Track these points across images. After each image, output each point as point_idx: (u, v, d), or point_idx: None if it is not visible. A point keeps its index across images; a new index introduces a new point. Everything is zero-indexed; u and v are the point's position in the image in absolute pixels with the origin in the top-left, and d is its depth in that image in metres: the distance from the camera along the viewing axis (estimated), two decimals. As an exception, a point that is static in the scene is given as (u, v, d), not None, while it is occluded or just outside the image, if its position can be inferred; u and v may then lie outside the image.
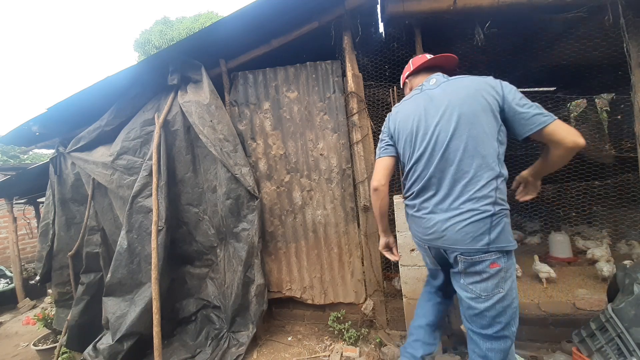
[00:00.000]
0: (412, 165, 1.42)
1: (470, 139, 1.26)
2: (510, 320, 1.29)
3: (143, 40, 12.97)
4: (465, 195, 1.25)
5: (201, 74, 2.70)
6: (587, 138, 4.31)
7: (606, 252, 3.02)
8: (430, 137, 1.34)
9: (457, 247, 1.27)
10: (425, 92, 1.45)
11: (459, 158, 1.27)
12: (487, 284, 1.26)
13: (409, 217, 1.54)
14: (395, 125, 1.54)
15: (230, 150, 2.61)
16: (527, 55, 3.32)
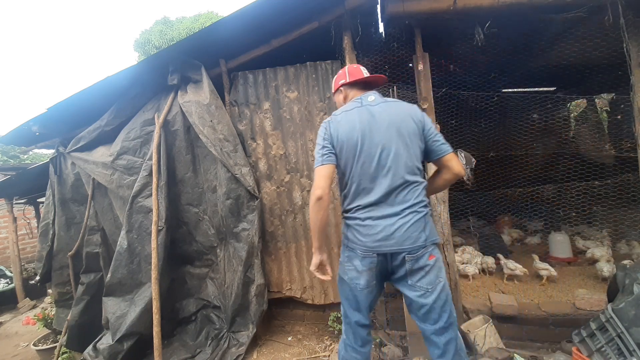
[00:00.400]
0: (356, 176, 1.51)
1: (407, 154, 1.49)
2: (451, 305, 1.50)
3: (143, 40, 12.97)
4: (407, 202, 1.46)
5: (201, 74, 2.70)
6: (587, 138, 4.35)
7: (606, 252, 3.03)
8: (375, 151, 1.48)
9: (405, 248, 1.43)
10: (366, 107, 1.56)
11: (400, 170, 1.46)
12: (430, 277, 1.45)
13: (351, 228, 1.52)
14: (337, 134, 1.54)
15: (230, 150, 2.61)
16: (527, 55, 3.32)
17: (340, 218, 2.72)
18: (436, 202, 2.45)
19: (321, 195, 1.47)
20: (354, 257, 1.51)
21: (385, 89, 2.70)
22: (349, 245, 1.53)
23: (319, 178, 1.50)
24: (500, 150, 3.65)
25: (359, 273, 1.49)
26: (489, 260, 3.13)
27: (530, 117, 4.05)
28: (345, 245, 1.56)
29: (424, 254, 1.44)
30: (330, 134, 1.56)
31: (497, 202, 3.37)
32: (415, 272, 1.45)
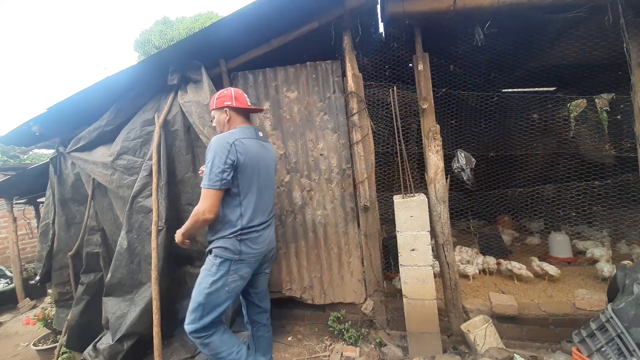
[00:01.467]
0: (255, 199, 1.80)
1: (273, 183, 2.01)
2: None
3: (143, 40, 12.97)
4: (272, 214, 2.00)
5: (201, 74, 2.70)
6: (587, 138, 4.35)
7: (606, 252, 3.03)
8: (265, 177, 1.87)
9: (274, 246, 2.02)
10: (259, 140, 1.90)
11: (272, 195, 1.98)
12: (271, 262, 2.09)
13: (246, 241, 1.77)
14: (244, 158, 1.73)
15: None
16: (527, 55, 3.32)
17: (338, 218, 2.73)
18: (436, 202, 2.45)
19: (212, 219, 1.71)
20: (242, 267, 1.78)
21: (385, 89, 2.70)
22: (241, 258, 1.76)
23: (214, 201, 1.68)
24: (500, 150, 3.64)
25: (245, 279, 1.82)
26: (489, 260, 3.13)
27: (530, 117, 4.05)
28: (230, 259, 1.75)
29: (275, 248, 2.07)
30: (236, 157, 1.70)
31: (497, 202, 3.37)
32: (269, 261, 2.04)
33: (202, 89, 2.67)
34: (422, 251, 2.26)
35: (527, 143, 3.73)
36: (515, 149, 3.73)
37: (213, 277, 1.73)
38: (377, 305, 2.65)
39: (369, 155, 2.63)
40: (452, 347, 2.37)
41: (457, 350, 2.34)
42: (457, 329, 2.40)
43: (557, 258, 3.30)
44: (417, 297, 2.30)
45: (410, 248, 2.28)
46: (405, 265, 2.31)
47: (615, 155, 3.87)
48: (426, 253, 2.26)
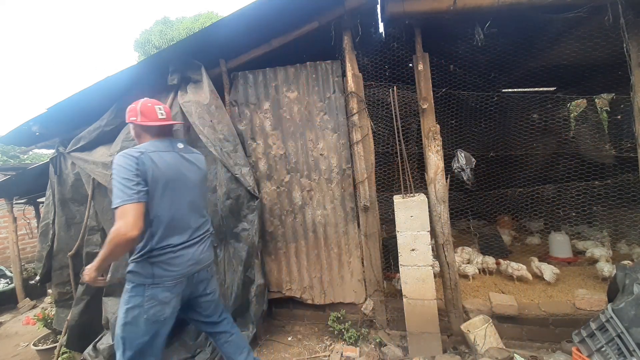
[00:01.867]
0: (167, 216, 1.62)
1: (203, 196, 1.88)
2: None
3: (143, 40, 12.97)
4: (201, 231, 1.80)
5: (201, 74, 2.70)
6: (587, 138, 4.34)
7: (606, 252, 3.03)
8: (186, 192, 1.72)
9: (205, 265, 1.80)
10: (178, 152, 1.75)
11: (199, 208, 1.81)
12: (214, 279, 1.94)
13: (159, 264, 1.58)
14: (152, 172, 1.56)
15: (230, 150, 2.61)
16: (527, 55, 3.32)
17: (338, 218, 2.73)
18: (436, 202, 2.45)
19: (136, 237, 1.45)
20: (159, 291, 1.57)
21: (385, 89, 2.70)
22: (155, 282, 1.56)
23: (137, 215, 1.45)
24: (500, 150, 3.64)
25: (168, 304, 1.60)
26: (489, 260, 3.13)
27: (530, 117, 4.05)
28: (143, 284, 1.56)
29: (212, 265, 1.91)
30: (144, 170, 1.54)
31: (497, 202, 3.37)
32: (207, 280, 1.85)
33: (202, 89, 2.67)
34: (422, 251, 2.26)
35: (527, 143, 3.73)
36: (515, 149, 3.73)
37: (126, 305, 1.55)
38: (377, 305, 2.65)
39: (369, 155, 2.63)
40: (452, 347, 2.37)
41: (457, 350, 2.33)
42: (457, 329, 2.40)
43: (557, 258, 3.30)
44: (417, 297, 2.30)
45: (410, 248, 2.28)
46: (405, 265, 2.31)
47: (615, 155, 3.87)
48: (426, 253, 2.26)
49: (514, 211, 3.59)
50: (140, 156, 1.54)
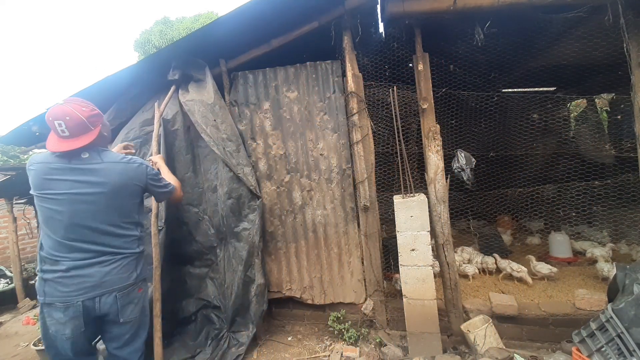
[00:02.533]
0: (50, 230, 1.50)
1: (115, 211, 1.59)
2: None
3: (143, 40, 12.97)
4: (109, 250, 1.56)
5: (204, 73, 2.70)
6: (587, 138, 4.34)
7: (606, 252, 3.03)
8: (80, 208, 1.51)
9: (109, 290, 1.54)
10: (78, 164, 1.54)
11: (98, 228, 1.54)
12: (136, 307, 1.64)
13: (49, 282, 1.47)
14: (37, 184, 1.51)
15: (233, 150, 2.62)
16: (527, 55, 3.32)
17: (338, 218, 2.73)
18: (436, 202, 2.45)
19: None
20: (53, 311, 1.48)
21: (386, 89, 2.70)
22: (46, 301, 1.48)
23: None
24: (500, 150, 3.64)
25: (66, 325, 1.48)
26: (489, 260, 3.13)
27: (530, 117, 4.05)
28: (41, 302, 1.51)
29: (135, 289, 1.64)
30: (31, 183, 1.53)
31: (497, 202, 3.37)
32: (125, 307, 1.60)
33: (205, 89, 2.67)
34: (422, 251, 2.26)
35: (527, 143, 3.73)
36: (515, 149, 3.73)
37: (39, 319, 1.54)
38: (377, 305, 2.65)
39: (369, 155, 2.63)
40: (452, 347, 2.37)
41: (457, 350, 2.33)
42: (457, 329, 2.40)
43: (557, 258, 3.30)
44: (417, 297, 2.30)
45: (410, 248, 2.28)
46: (405, 265, 2.31)
47: (615, 155, 3.87)
48: (426, 253, 2.26)
49: (514, 211, 3.59)
50: (29, 167, 1.56)
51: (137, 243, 1.66)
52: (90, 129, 1.55)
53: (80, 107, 1.53)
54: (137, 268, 1.65)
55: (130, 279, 1.60)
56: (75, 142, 1.51)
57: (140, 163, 1.69)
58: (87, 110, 1.54)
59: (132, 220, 1.65)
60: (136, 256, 1.66)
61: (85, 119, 1.52)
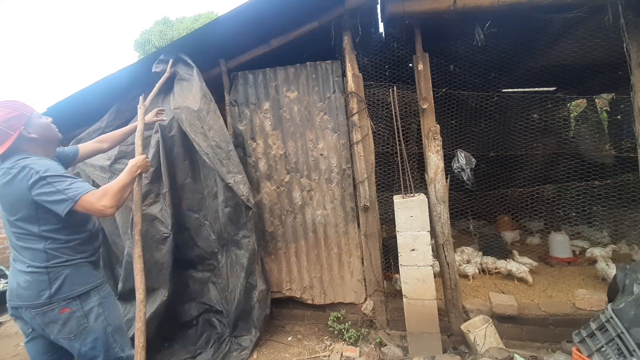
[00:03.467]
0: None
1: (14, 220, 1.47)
2: None
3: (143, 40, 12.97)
4: (22, 258, 1.48)
5: (192, 74, 2.59)
6: (587, 138, 4.34)
7: (606, 252, 3.02)
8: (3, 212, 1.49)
9: (30, 304, 1.45)
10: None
11: (12, 233, 1.49)
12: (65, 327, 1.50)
13: None
14: None
15: (223, 157, 2.49)
16: (527, 55, 3.32)
17: (338, 218, 2.73)
18: (436, 202, 2.45)
19: None
20: None
21: (385, 89, 2.70)
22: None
23: None
24: (500, 150, 3.64)
25: (26, 335, 1.54)
26: (489, 260, 3.14)
27: (530, 117, 4.05)
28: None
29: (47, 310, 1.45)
30: None
31: (497, 202, 3.37)
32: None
33: (191, 91, 2.55)
34: (422, 251, 2.26)
35: (527, 143, 3.73)
36: (515, 149, 3.73)
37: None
38: (377, 305, 2.65)
39: (369, 155, 2.63)
40: (452, 347, 2.37)
41: (457, 350, 2.33)
42: (457, 329, 2.40)
43: (557, 258, 3.30)
44: (417, 297, 2.30)
45: (410, 248, 2.28)
46: (405, 265, 2.31)
47: (615, 155, 3.87)
48: (426, 253, 2.26)
49: (514, 211, 3.60)
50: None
51: (44, 257, 1.45)
52: (10, 134, 1.43)
53: None
54: (51, 286, 1.44)
55: (42, 297, 1.43)
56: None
57: (23, 167, 1.40)
58: (1, 114, 1.42)
59: (33, 232, 1.45)
60: (46, 272, 1.45)
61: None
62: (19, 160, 1.42)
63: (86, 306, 1.51)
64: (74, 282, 1.50)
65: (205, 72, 2.88)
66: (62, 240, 1.49)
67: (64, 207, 1.38)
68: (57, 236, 1.49)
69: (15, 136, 1.44)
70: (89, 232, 1.62)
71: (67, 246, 1.50)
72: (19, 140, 1.45)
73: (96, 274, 1.61)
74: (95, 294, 1.56)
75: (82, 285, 1.52)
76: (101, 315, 1.55)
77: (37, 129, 1.51)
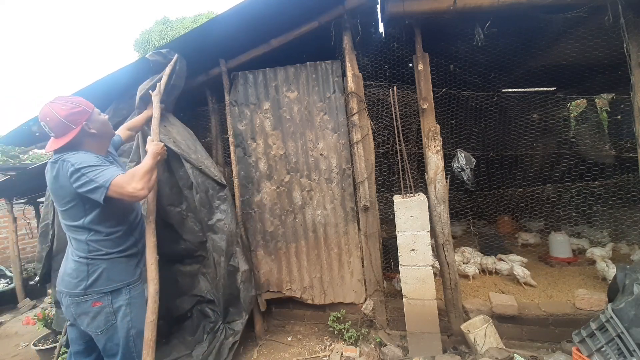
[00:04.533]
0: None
1: (62, 212, 1.60)
2: None
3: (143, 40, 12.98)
4: (72, 247, 1.62)
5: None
6: (587, 138, 4.34)
7: (606, 252, 3.02)
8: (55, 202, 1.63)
9: (68, 291, 1.56)
10: (50, 163, 1.59)
11: (65, 221, 1.62)
12: (94, 321, 1.58)
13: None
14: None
15: (191, 144, 2.61)
16: (527, 55, 3.32)
17: (338, 218, 2.73)
18: (436, 202, 2.45)
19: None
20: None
21: (386, 89, 2.70)
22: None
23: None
24: (500, 150, 3.64)
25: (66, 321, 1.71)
26: (489, 260, 3.13)
27: (530, 117, 4.05)
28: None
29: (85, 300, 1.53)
30: None
31: (497, 202, 3.37)
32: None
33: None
34: (422, 251, 2.26)
35: (527, 143, 3.73)
36: (515, 149, 3.73)
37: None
38: (377, 305, 2.65)
39: (369, 155, 2.63)
40: (452, 347, 2.37)
41: (457, 350, 2.33)
42: (457, 329, 2.40)
43: (557, 258, 3.30)
44: (417, 297, 2.30)
45: (410, 248, 2.28)
46: (405, 265, 2.31)
47: (615, 155, 3.87)
48: (426, 253, 2.26)
49: (514, 211, 3.60)
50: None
51: (86, 249, 1.53)
52: (72, 128, 1.52)
53: (60, 107, 1.51)
54: (89, 278, 1.51)
55: (78, 288, 1.51)
56: (58, 142, 1.53)
57: (63, 161, 1.50)
58: (66, 109, 1.51)
59: (78, 224, 1.53)
60: (86, 263, 1.52)
61: (62, 119, 1.50)
62: (63, 155, 1.52)
63: (116, 303, 1.56)
64: (110, 277, 1.56)
65: (205, 72, 2.89)
66: (103, 233, 1.56)
67: (99, 194, 1.46)
68: (99, 228, 1.56)
69: (77, 130, 1.53)
70: (129, 223, 1.68)
71: (108, 239, 1.57)
72: (80, 135, 1.54)
73: (132, 271, 1.66)
74: (126, 292, 1.60)
75: (117, 281, 1.57)
76: (127, 315, 1.59)
77: (97, 125, 1.61)
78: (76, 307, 1.52)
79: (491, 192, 3.40)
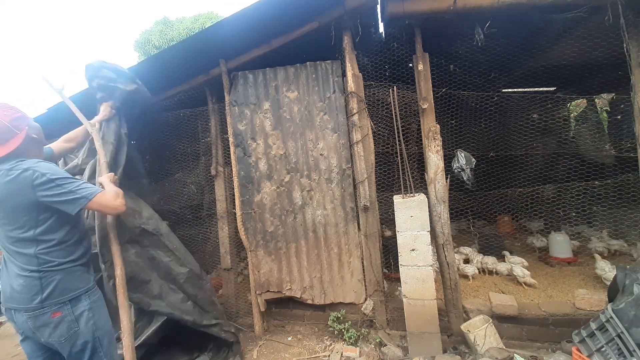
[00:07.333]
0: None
1: (9, 224, 1.50)
2: None
3: (143, 40, 12.97)
4: (18, 262, 1.51)
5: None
6: (587, 138, 4.34)
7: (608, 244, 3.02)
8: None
9: (25, 307, 1.48)
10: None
11: (7, 236, 1.53)
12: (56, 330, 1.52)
13: None
14: None
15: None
16: (527, 55, 3.32)
17: (338, 218, 2.73)
18: (436, 202, 2.45)
19: None
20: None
21: (385, 89, 2.70)
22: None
23: None
24: (500, 150, 3.64)
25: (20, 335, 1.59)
26: (489, 260, 3.13)
27: (530, 117, 4.05)
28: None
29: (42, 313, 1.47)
30: None
31: (497, 202, 3.37)
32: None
33: None
34: (422, 251, 2.26)
35: (527, 143, 3.73)
36: (515, 149, 3.73)
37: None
38: (377, 305, 2.65)
39: (369, 155, 2.63)
40: (452, 347, 2.37)
41: (457, 350, 2.33)
42: (457, 329, 2.40)
43: (557, 258, 3.30)
44: (417, 297, 2.30)
45: (410, 248, 2.28)
46: (405, 265, 2.31)
47: (615, 155, 3.87)
48: (426, 253, 2.26)
49: (514, 211, 3.60)
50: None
51: (36, 262, 1.46)
52: (16, 133, 1.49)
53: (2, 112, 1.47)
54: (43, 291, 1.45)
55: (34, 302, 1.44)
56: (4, 148, 1.46)
57: (25, 169, 1.42)
58: (8, 114, 1.48)
59: (26, 236, 1.46)
60: (38, 277, 1.46)
61: (8, 124, 1.46)
62: (17, 162, 1.45)
63: (77, 310, 1.53)
64: (66, 286, 1.52)
65: (206, 72, 2.89)
66: (54, 242, 1.51)
67: (76, 205, 1.47)
68: (51, 237, 1.51)
69: (23, 135, 1.50)
70: (79, 232, 1.65)
71: (58, 248, 1.52)
72: (25, 141, 1.51)
73: (87, 278, 1.62)
74: (86, 299, 1.58)
75: (74, 290, 1.54)
76: (91, 319, 1.57)
77: (36, 131, 1.61)
78: (34, 320, 1.47)
79: (491, 192, 3.40)
